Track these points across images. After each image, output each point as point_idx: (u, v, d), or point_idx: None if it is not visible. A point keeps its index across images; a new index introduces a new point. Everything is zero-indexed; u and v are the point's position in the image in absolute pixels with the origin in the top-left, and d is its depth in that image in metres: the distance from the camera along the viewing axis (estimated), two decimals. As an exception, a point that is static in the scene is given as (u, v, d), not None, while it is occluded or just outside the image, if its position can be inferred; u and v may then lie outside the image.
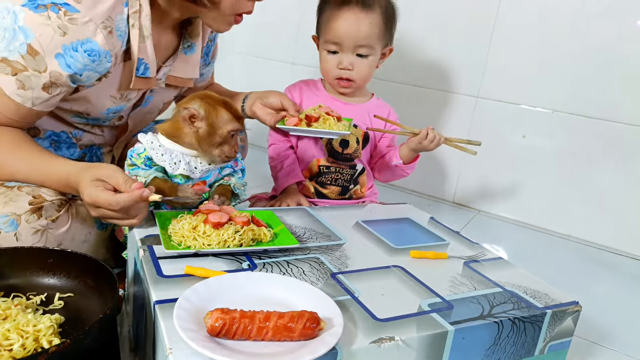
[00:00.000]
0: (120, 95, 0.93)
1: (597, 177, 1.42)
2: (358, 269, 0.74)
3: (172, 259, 0.70)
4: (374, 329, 0.59)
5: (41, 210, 0.79)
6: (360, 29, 1.06)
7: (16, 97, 0.80)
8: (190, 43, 1.01)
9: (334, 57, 1.11)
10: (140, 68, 0.90)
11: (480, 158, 1.58)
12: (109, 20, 0.80)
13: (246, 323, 0.54)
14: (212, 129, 0.83)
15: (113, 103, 0.94)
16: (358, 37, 1.07)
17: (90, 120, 0.98)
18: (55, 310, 0.68)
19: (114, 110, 0.95)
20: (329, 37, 1.09)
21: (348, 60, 1.09)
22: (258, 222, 0.78)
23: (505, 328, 0.66)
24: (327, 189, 1.16)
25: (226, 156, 0.85)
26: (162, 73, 0.98)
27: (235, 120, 0.84)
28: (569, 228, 1.49)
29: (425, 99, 1.63)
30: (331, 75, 1.13)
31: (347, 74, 1.11)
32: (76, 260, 0.72)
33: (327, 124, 1.01)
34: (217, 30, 0.94)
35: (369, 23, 1.07)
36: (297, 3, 1.83)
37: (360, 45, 1.08)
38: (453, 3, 1.54)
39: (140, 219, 0.76)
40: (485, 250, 0.87)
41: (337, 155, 1.15)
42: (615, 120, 1.38)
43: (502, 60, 1.50)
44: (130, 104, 0.98)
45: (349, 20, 1.06)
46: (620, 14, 1.32)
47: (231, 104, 0.86)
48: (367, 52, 1.09)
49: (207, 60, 1.15)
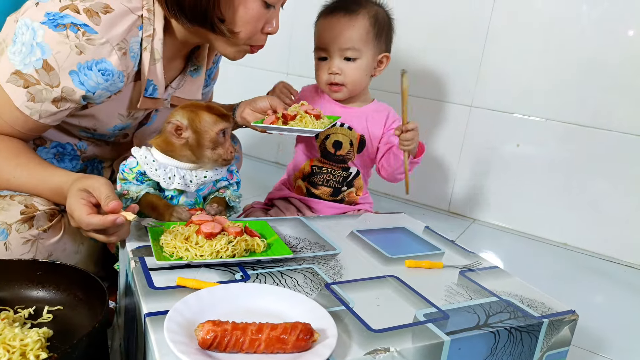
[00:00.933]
0: (128, 114, 0.96)
1: (591, 185, 1.43)
2: (353, 279, 0.73)
3: (164, 270, 0.69)
4: (368, 340, 0.58)
5: (32, 219, 0.78)
6: (343, 32, 1.09)
7: (25, 109, 0.81)
8: (196, 66, 1.04)
9: (324, 63, 1.13)
10: (149, 89, 0.92)
11: (475, 167, 1.59)
12: (124, 42, 0.83)
13: (238, 335, 0.53)
14: (200, 135, 0.82)
15: (120, 121, 0.96)
16: (342, 40, 1.09)
17: (96, 135, 0.99)
18: (44, 323, 0.67)
19: (120, 127, 0.97)
20: (317, 43, 1.13)
21: (336, 65, 1.11)
22: (251, 233, 0.77)
23: (501, 338, 0.65)
24: (318, 189, 1.16)
25: (223, 159, 0.85)
26: (167, 94, 0.99)
27: (220, 120, 0.84)
28: (564, 236, 1.49)
29: (419, 108, 1.63)
30: (323, 81, 1.15)
31: (336, 79, 1.12)
32: (66, 272, 0.71)
33: (303, 122, 1.01)
34: (232, 59, 0.96)
35: (353, 26, 1.09)
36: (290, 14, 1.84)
37: (345, 48, 1.10)
38: (446, 13, 1.55)
39: (119, 236, 0.75)
40: (481, 259, 0.86)
41: (330, 156, 1.15)
42: (608, 128, 1.38)
43: (495, 69, 1.50)
44: (136, 122, 1.00)
45: (333, 25, 1.10)
46: (611, 23, 1.33)
47: (213, 106, 0.87)
48: (354, 55, 1.10)
49: (209, 81, 1.17)
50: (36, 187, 0.81)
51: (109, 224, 0.70)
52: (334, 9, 1.12)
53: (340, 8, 1.11)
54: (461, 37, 1.53)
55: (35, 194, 0.82)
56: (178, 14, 0.85)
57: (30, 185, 0.82)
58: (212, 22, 0.86)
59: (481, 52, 1.51)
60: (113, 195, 0.72)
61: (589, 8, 1.36)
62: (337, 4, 1.13)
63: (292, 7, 1.82)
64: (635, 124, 1.35)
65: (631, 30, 1.32)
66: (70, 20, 0.78)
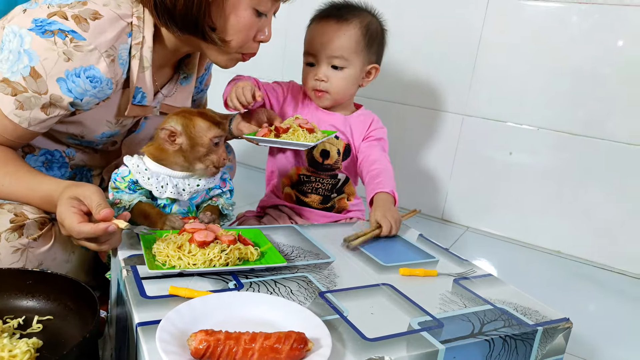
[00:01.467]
0: (116, 121, 0.95)
1: (583, 193, 1.43)
2: (347, 287, 0.73)
3: (156, 279, 0.68)
4: (363, 348, 0.58)
5: (22, 228, 0.77)
6: (332, 40, 1.08)
7: (14, 117, 0.80)
8: (187, 74, 1.04)
9: (311, 68, 1.13)
10: (137, 96, 0.91)
11: (468, 175, 1.60)
12: (112, 49, 0.82)
13: (231, 345, 0.52)
14: (193, 141, 0.82)
15: (108, 128, 0.95)
16: (330, 47, 1.09)
17: (83, 142, 0.98)
18: (33, 333, 0.66)
19: (108, 134, 0.96)
20: (306, 48, 1.13)
21: (322, 72, 1.11)
22: (245, 241, 0.76)
23: (496, 346, 0.65)
24: (308, 197, 1.15)
25: (215, 166, 0.84)
26: (157, 101, 0.99)
27: (214, 126, 0.84)
28: (557, 244, 1.50)
29: (413, 117, 1.64)
30: (308, 87, 1.14)
31: (321, 86, 1.11)
32: (56, 281, 0.70)
33: (295, 135, 1.01)
34: (224, 67, 0.96)
35: (343, 35, 1.09)
36: (284, 22, 1.85)
37: (333, 56, 1.09)
38: (439, 23, 1.56)
39: (111, 244, 0.74)
40: (475, 267, 0.86)
41: (318, 165, 1.15)
42: (599, 137, 1.40)
43: (488, 78, 1.52)
44: (124, 130, 1.00)
45: (323, 32, 1.10)
46: (602, 34, 1.35)
47: (207, 112, 0.86)
48: (342, 63, 1.10)
49: (200, 87, 1.17)
50: (26, 195, 0.80)
51: (100, 232, 0.69)
52: (327, 15, 1.11)
53: (332, 15, 1.10)
54: (454, 46, 1.55)
55: (25, 202, 0.81)
56: (169, 22, 0.85)
57: (20, 194, 0.81)
58: (203, 30, 0.85)
59: (474, 61, 1.53)
60: (104, 203, 0.71)
61: (579, 19, 1.38)
62: (330, 10, 1.12)
63: (285, 15, 1.83)
64: (626, 132, 1.36)
65: (621, 40, 1.34)
66: (58, 27, 0.77)
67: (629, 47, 1.33)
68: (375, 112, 1.66)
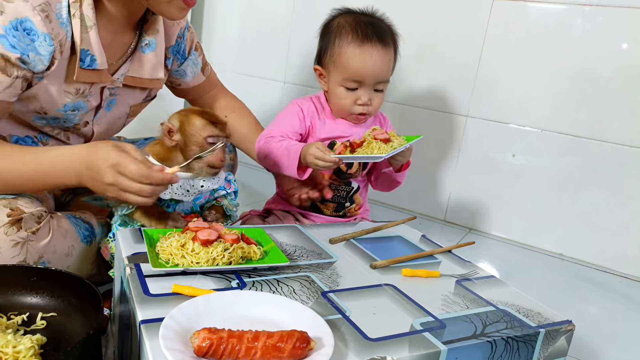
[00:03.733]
0: (76, 91, 0.91)
1: (586, 195, 1.43)
2: (349, 287, 0.73)
3: (160, 277, 0.68)
4: (365, 348, 0.58)
5: (20, 222, 0.77)
6: (382, 67, 1.06)
7: None
8: (148, 41, 0.98)
9: (352, 93, 1.08)
10: (85, 59, 0.87)
11: (470, 177, 1.60)
12: (46, 6, 0.80)
13: (234, 343, 0.52)
14: (188, 139, 0.82)
15: (68, 99, 0.91)
16: (381, 74, 1.06)
17: (50, 120, 0.94)
18: (37, 330, 0.66)
19: (71, 107, 0.92)
20: (349, 74, 1.06)
21: (368, 96, 1.07)
22: (248, 240, 0.77)
23: (498, 348, 0.65)
24: (324, 203, 1.14)
25: (209, 166, 0.83)
26: (120, 74, 0.95)
27: (210, 125, 0.82)
28: (560, 247, 1.49)
29: (416, 118, 1.64)
30: (347, 111, 1.10)
31: (365, 109, 1.08)
32: (60, 278, 0.70)
33: (369, 148, 0.99)
34: (171, 18, 0.91)
35: (389, 60, 1.07)
36: (288, 23, 1.85)
37: (380, 82, 1.07)
38: (443, 23, 1.56)
39: (153, 200, 0.76)
40: (478, 269, 0.86)
41: (341, 174, 1.13)
42: (603, 139, 1.39)
43: (491, 80, 1.51)
44: (90, 104, 0.95)
45: (373, 59, 1.05)
46: (605, 36, 1.35)
47: (208, 111, 0.85)
48: (384, 87, 1.09)
49: (181, 59, 1.11)
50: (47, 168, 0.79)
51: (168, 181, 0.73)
52: (367, 36, 1.05)
53: (374, 36, 1.05)
54: (458, 47, 1.55)
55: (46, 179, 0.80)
56: None
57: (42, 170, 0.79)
58: None
59: (477, 62, 1.52)
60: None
61: (583, 21, 1.37)
62: (369, 31, 1.06)
63: (289, 16, 1.84)
64: (629, 135, 1.36)
65: (625, 42, 1.33)
66: None
67: (633, 49, 1.32)
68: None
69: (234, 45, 1.99)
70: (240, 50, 1.98)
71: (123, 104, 1.02)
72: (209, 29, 2.04)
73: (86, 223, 0.91)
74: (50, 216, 0.83)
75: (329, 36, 1.09)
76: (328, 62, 1.10)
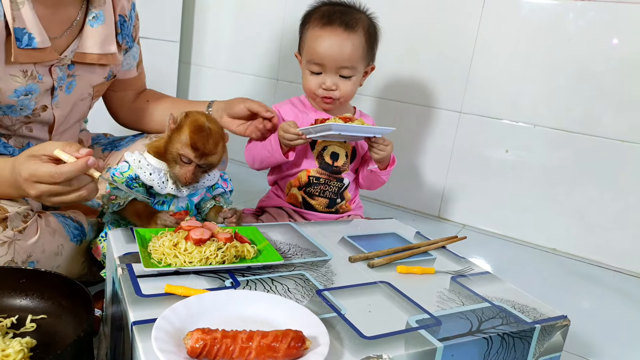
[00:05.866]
0: (23, 74, 0.86)
1: (579, 190, 1.44)
2: (344, 285, 0.72)
3: (152, 277, 0.67)
4: (361, 347, 0.58)
5: (6, 221, 0.75)
6: (342, 51, 1.06)
7: None
8: (95, 13, 0.93)
9: (317, 77, 1.10)
10: (22, 39, 0.82)
11: (464, 172, 1.60)
12: None
13: (228, 343, 0.51)
14: (171, 143, 0.80)
15: (17, 83, 0.86)
16: (341, 59, 1.06)
17: (6, 110, 0.89)
18: (27, 333, 0.65)
19: (23, 91, 0.87)
20: (311, 57, 1.08)
21: (331, 81, 1.09)
22: (241, 239, 0.76)
23: (494, 344, 0.65)
24: (315, 200, 1.14)
25: (176, 175, 0.81)
26: (70, 50, 0.91)
27: (191, 150, 0.78)
28: (553, 242, 1.50)
29: (409, 114, 1.64)
30: (314, 94, 1.12)
31: (330, 94, 1.10)
32: (50, 280, 0.69)
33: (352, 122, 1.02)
34: None
35: (352, 45, 1.06)
36: (280, 20, 1.84)
37: (343, 67, 1.08)
38: (435, 18, 1.56)
39: (89, 190, 0.70)
40: (472, 265, 0.86)
41: (327, 167, 1.14)
42: (595, 134, 1.40)
43: (484, 76, 1.51)
44: (43, 86, 0.90)
45: (331, 42, 1.06)
46: (597, 31, 1.35)
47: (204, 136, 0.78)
48: (350, 73, 1.09)
49: (130, 42, 1.06)
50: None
51: (82, 167, 0.66)
52: (331, 21, 1.06)
53: (338, 21, 1.06)
54: (450, 43, 1.54)
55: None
56: None
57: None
58: None
59: (470, 58, 1.52)
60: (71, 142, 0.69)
61: (576, 16, 1.37)
62: (333, 15, 1.07)
63: (281, 14, 1.83)
64: (621, 129, 1.36)
65: (617, 37, 1.34)
66: None
67: (625, 44, 1.33)
68: (371, 109, 1.67)
69: (226, 42, 1.98)
70: (232, 48, 1.97)
71: (84, 84, 0.98)
72: (200, 26, 2.02)
73: (75, 222, 0.90)
74: (38, 215, 0.82)
75: (304, 22, 1.12)
76: (301, 46, 1.13)
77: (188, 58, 2.07)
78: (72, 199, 0.70)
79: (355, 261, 0.81)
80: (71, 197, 0.70)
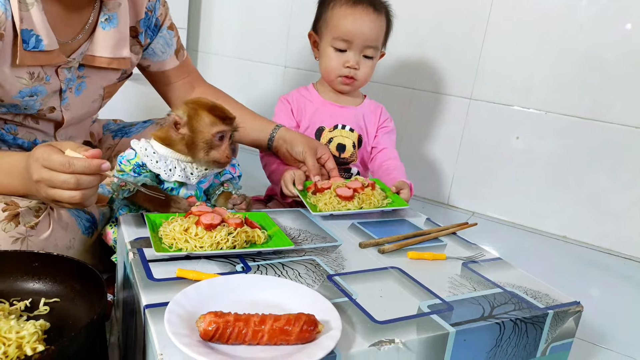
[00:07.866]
0: (30, 75, 0.84)
1: (590, 177, 1.42)
2: (355, 270, 0.72)
3: (163, 262, 0.67)
4: (373, 331, 0.57)
5: (18, 217, 0.75)
6: (372, 30, 1.08)
7: None
8: (108, 16, 0.90)
9: (341, 55, 1.10)
10: (29, 41, 0.80)
11: (474, 159, 1.58)
12: None
13: (241, 327, 0.51)
14: (195, 135, 0.80)
15: (22, 84, 0.84)
16: (369, 37, 1.08)
17: (10, 108, 0.88)
18: (40, 316, 0.65)
19: (28, 93, 0.85)
20: (339, 34, 1.09)
21: (355, 59, 1.10)
22: (252, 224, 0.76)
23: (507, 329, 0.64)
24: None
25: (215, 161, 0.82)
26: (79, 53, 0.89)
27: (220, 122, 0.80)
28: (563, 229, 1.49)
29: (419, 101, 1.62)
30: (334, 73, 1.12)
31: (352, 73, 1.10)
32: (62, 264, 0.69)
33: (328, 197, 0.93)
34: None
35: (379, 25, 1.09)
36: (287, 7, 1.82)
37: (368, 46, 1.09)
38: (446, 6, 1.53)
39: (84, 196, 0.69)
40: (483, 251, 0.86)
41: (335, 159, 1.13)
42: (607, 121, 1.38)
43: (495, 62, 1.49)
44: (50, 88, 0.88)
45: (362, 20, 1.07)
46: (609, 17, 1.33)
47: (218, 106, 0.81)
48: (373, 53, 1.10)
49: (151, 34, 1.02)
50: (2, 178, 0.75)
51: (95, 168, 0.66)
52: (360, 1, 1.08)
53: (367, 1, 1.08)
54: (460, 30, 1.52)
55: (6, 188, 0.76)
56: None
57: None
58: None
59: (480, 45, 1.50)
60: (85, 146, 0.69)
61: (587, 3, 1.35)
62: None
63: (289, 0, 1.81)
64: (632, 116, 1.34)
65: (629, 24, 1.31)
66: None
67: (637, 31, 1.30)
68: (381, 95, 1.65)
69: (233, 30, 1.96)
70: (240, 35, 1.95)
71: (94, 86, 0.96)
72: (208, 13, 2.01)
73: (87, 214, 0.89)
74: (50, 208, 0.81)
75: (326, 3, 1.13)
76: (322, 26, 1.13)
77: (195, 45, 2.06)
78: (65, 197, 0.68)
79: (365, 247, 0.80)
80: (65, 194, 0.68)
